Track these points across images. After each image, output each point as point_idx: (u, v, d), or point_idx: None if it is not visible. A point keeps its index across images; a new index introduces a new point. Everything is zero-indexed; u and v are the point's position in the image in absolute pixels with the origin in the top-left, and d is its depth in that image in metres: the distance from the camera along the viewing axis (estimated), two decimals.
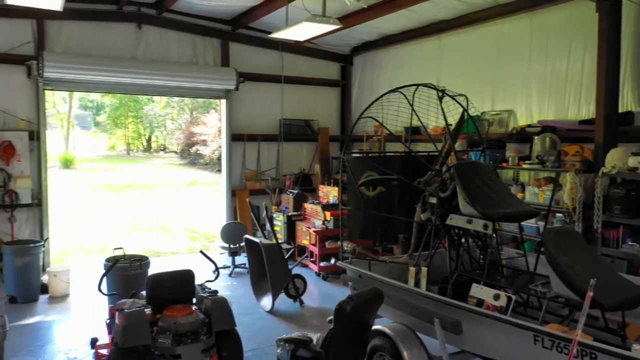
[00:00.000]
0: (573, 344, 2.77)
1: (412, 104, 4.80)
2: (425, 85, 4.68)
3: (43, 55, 7.37)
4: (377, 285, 3.81)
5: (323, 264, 7.76)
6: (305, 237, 8.15)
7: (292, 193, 9.06)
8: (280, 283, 6.36)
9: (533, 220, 5.62)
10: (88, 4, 7.78)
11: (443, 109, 4.50)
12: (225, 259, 8.22)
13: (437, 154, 4.66)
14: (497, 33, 7.07)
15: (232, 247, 8.07)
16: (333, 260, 7.51)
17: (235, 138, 9.34)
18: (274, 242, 6.52)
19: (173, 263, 8.16)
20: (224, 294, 4.43)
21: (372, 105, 4.90)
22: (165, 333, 3.84)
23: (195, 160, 26.52)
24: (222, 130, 9.75)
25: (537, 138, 6.10)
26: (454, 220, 3.99)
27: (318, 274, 7.80)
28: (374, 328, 3.89)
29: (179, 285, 4.24)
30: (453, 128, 4.62)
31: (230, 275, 7.83)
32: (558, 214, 5.63)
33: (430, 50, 8.25)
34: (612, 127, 5.37)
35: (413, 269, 4.09)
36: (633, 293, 3.24)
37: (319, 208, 8.13)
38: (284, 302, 6.47)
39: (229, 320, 4.08)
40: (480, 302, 3.56)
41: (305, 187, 9.55)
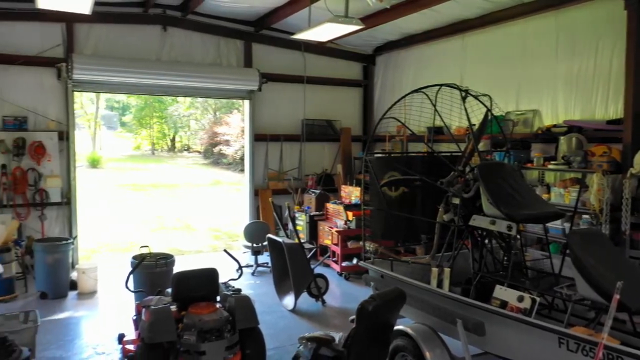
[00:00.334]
0: (599, 348, 2.74)
1: (434, 104, 4.79)
2: (448, 85, 4.66)
3: (72, 58, 7.56)
4: (399, 286, 3.81)
5: (345, 264, 7.78)
6: (328, 237, 8.18)
7: (314, 193, 9.10)
8: (303, 282, 6.40)
9: (559, 222, 5.55)
10: (115, 7, 7.95)
11: (466, 109, 4.47)
12: (248, 258, 8.30)
13: (460, 155, 4.64)
14: (521, 32, 6.98)
15: (255, 246, 8.14)
16: (355, 260, 7.52)
17: (258, 138, 9.42)
18: (297, 241, 6.56)
19: (197, 261, 8.28)
20: (247, 293, 4.49)
21: (394, 106, 4.91)
22: (190, 330, 3.90)
23: (218, 160, 26.82)
24: (245, 131, 9.85)
25: (563, 138, 6.01)
26: (477, 221, 3.97)
27: (340, 274, 7.82)
28: (396, 328, 3.89)
29: (204, 283, 4.30)
30: (476, 128, 4.59)
31: (253, 274, 7.91)
32: (585, 216, 5.53)
33: (454, 50, 8.19)
34: None
35: (436, 270, 4.08)
36: None
37: (341, 208, 8.15)
38: (306, 301, 6.51)
39: (253, 319, 4.13)
40: (504, 303, 3.53)
41: (328, 187, 9.58)
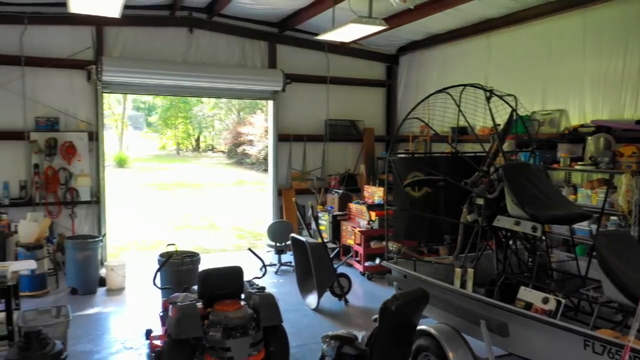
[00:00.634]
0: (625, 350, 2.71)
1: (458, 105, 4.77)
2: (472, 86, 4.64)
3: (102, 60, 7.76)
4: (422, 286, 3.82)
5: (368, 264, 7.80)
6: (350, 236, 8.20)
7: (337, 193, 9.14)
8: (326, 282, 6.44)
9: (586, 223, 5.45)
10: (143, 10, 8.12)
11: (491, 109, 4.45)
12: (272, 257, 8.38)
13: (484, 155, 4.62)
14: (548, 31, 6.88)
15: (278, 245, 8.22)
16: (378, 260, 7.54)
17: (282, 138, 9.51)
18: (320, 241, 6.60)
19: (221, 260, 8.41)
20: (271, 291, 4.54)
21: (418, 106, 4.91)
22: (216, 326, 3.98)
23: (242, 160, 27.06)
24: (269, 131, 9.94)
25: (590, 138, 5.90)
26: (502, 222, 3.94)
27: (363, 274, 7.84)
28: (419, 328, 3.90)
29: (229, 281, 4.38)
30: (501, 128, 4.56)
31: (277, 273, 7.99)
32: (612, 217, 5.44)
33: (478, 50, 8.12)
34: None
35: (459, 270, 4.07)
36: None
37: (364, 208, 8.17)
38: (329, 300, 6.55)
39: (277, 316, 4.19)
40: (529, 305, 3.51)
41: (351, 187, 9.60)
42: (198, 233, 12.37)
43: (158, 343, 4.62)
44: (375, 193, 8.48)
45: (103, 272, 7.21)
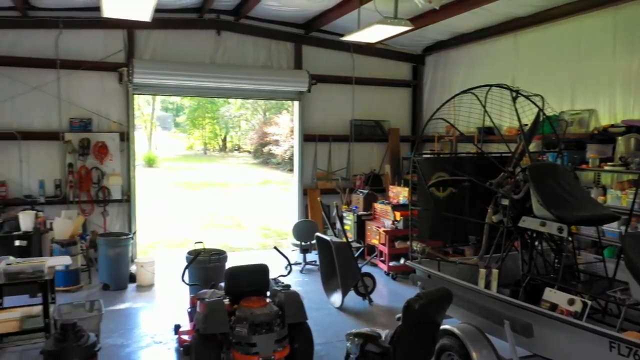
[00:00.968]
0: None
1: (484, 105, 4.75)
2: (498, 86, 4.62)
3: (133, 63, 7.96)
4: (446, 286, 3.83)
5: (392, 264, 7.81)
6: (375, 236, 8.23)
7: (362, 193, 9.16)
8: (350, 281, 6.49)
9: (615, 225, 5.35)
10: (172, 14, 8.31)
11: (517, 110, 4.42)
12: (297, 256, 8.47)
13: (510, 155, 4.59)
14: (577, 29, 6.78)
15: (303, 244, 8.30)
16: (402, 260, 7.54)
17: (307, 138, 9.59)
18: (344, 240, 6.65)
19: (247, 258, 8.54)
20: (296, 289, 4.60)
21: (443, 106, 4.91)
22: (242, 322, 4.06)
23: (268, 160, 27.28)
24: (294, 131, 10.04)
25: (620, 139, 5.80)
26: (527, 223, 3.93)
27: (387, 273, 7.85)
28: (443, 327, 3.92)
29: (255, 279, 4.47)
30: (528, 129, 4.53)
31: (302, 272, 8.07)
32: None
33: (505, 49, 8.04)
34: None
35: (484, 271, 4.07)
36: None
37: (389, 208, 8.18)
38: (353, 299, 6.60)
39: (301, 314, 4.25)
40: (554, 306, 3.49)
41: (375, 187, 9.62)
42: (224, 232, 12.56)
43: (186, 338, 4.74)
44: (400, 193, 8.48)
45: (133, 268, 7.41)
